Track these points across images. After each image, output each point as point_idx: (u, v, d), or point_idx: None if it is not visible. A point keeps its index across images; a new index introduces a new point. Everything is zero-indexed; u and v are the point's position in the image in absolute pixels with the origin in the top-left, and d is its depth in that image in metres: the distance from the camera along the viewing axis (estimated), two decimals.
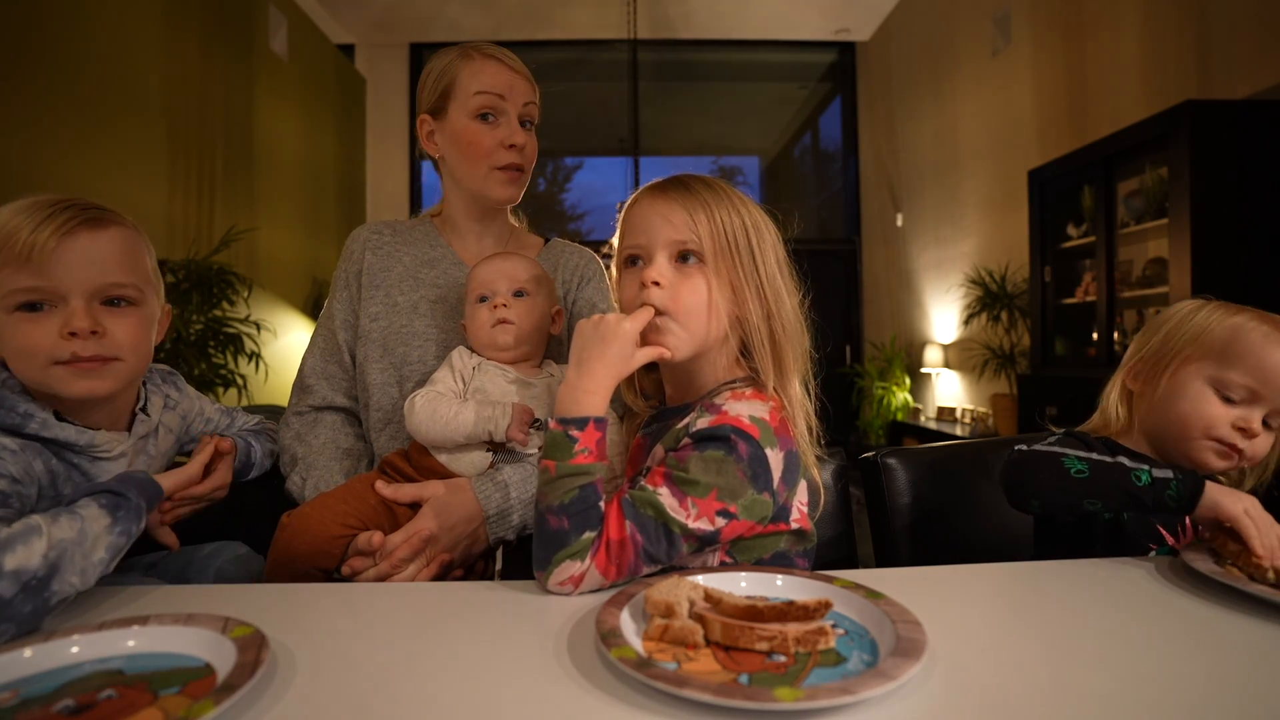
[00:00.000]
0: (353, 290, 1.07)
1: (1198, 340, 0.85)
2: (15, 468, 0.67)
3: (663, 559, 0.67)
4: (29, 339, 0.69)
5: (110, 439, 0.76)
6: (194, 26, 3.52)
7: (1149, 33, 2.97)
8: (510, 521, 0.87)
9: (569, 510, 0.66)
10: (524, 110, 1.05)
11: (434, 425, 0.87)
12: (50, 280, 0.69)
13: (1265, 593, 0.60)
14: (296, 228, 4.53)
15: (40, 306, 0.69)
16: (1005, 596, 0.66)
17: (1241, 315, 0.84)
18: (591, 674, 0.49)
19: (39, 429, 0.70)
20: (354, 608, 0.63)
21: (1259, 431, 0.81)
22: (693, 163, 7.05)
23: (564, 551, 0.65)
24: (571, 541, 0.65)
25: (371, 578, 0.81)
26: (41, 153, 2.59)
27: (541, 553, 0.66)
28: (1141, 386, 0.90)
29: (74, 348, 0.70)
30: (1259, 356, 0.80)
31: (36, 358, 0.69)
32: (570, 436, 0.69)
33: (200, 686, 0.46)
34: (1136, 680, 0.48)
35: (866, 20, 5.62)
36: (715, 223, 0.76)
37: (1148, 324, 0.95)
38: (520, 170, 1.06)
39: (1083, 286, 3.16)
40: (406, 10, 5.40)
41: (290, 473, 0.98)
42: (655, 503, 0.67)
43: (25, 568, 0.55)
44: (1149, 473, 0.75)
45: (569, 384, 0.72)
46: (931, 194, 4.88)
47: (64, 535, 0.59)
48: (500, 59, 1.04)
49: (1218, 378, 0.83)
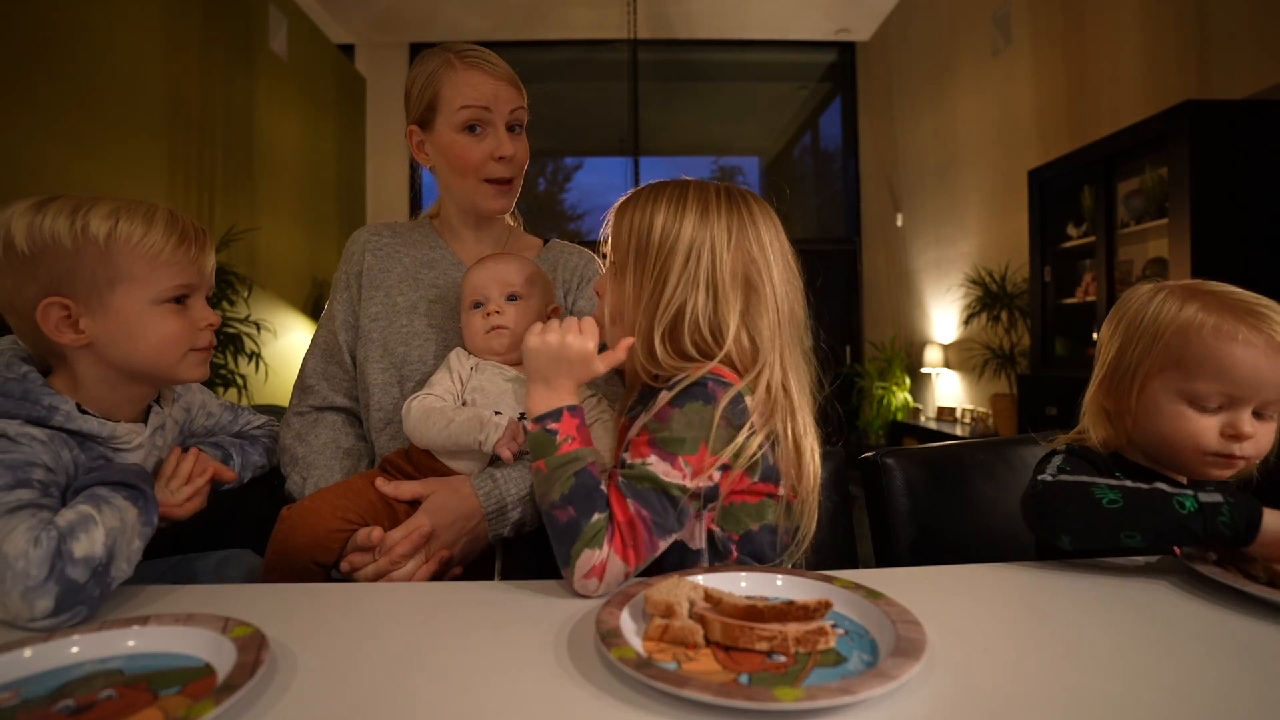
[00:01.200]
0: (353, 291, 1.07)
1: (1152, 350, 0.77)
2: (48, 457, 0.68)
3: (673, 526, 0.69)
4: (176, 328, 0.76)
5: (129, 431, 0.77)
6: (194, 27, 3.52)
7: (1149, 33, 2.97)
8: (509, 518, 0.87)
9: (572, 499, 0.67)
10: (511, 117, 1.03)
11: (428, 433, 0.88)
12: (200, 278, 0.78)
13: (1266, 593, 0.60)
14: (296, 228, 4.53)
15: (185, 300, 0.77)
16: (1006, 597, 0.66)
17: (1190, 307, 0.75)
18: (592, 674, 0.49)
19: (64, 421, 0.71)
20: (354, 607, 0.63)
21: (1250, 433, 0.74)
22: (693, 163, 7.05)
23: (580, 541, 0.65)
24: (584, 528, 0.65)
25: (370, 573, 0.81)
26: (42, 152, 2.59)
27: (561, 549, 0.67)
28: (1116, 405, 0.82)
29: (207, 336, 0.80)
30: (1217, 360, 0.72)
31: (180, 345, 0.77)
32: (549, 430, 0.71)
33: (200, 687, 0.46)
34: (1137, 681, 0.48)
35: (867, 20, 5.62)
36: (628, 226, 0.79)
37: (1106, 322, 0.85)
38: (510, 181, 1.05)
39: (1083, 286, 3.16)
40: (406, 10, 5.40)
41: (290, 472, 0.98)
42: (648, 474, 0.68)
43: (92, 554, 0.60)
44: (1194, 498, 0.67)
45: (539, 398, 0.75)
46: (931, 194, 4.88)
47: (112, 524, 0.63)
48: (482, 67, 1.01)
49: (1186, 390, 0.75)
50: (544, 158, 6.43)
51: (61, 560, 0.58)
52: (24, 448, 0.67)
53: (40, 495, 0.64)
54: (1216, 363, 0.72)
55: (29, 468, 0.66)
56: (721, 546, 0.77)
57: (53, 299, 0.69)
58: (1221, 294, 0.76)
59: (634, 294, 0.78)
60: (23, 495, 0.63)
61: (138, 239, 0.72)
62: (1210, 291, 0.76)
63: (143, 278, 0.73)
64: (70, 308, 0.70)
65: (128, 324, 0.73)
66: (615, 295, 0.81)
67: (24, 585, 0.56)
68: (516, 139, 1.04)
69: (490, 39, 5.63)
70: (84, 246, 0.69)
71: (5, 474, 0.64)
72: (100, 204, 0.72)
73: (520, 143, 1.05)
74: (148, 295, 0.73)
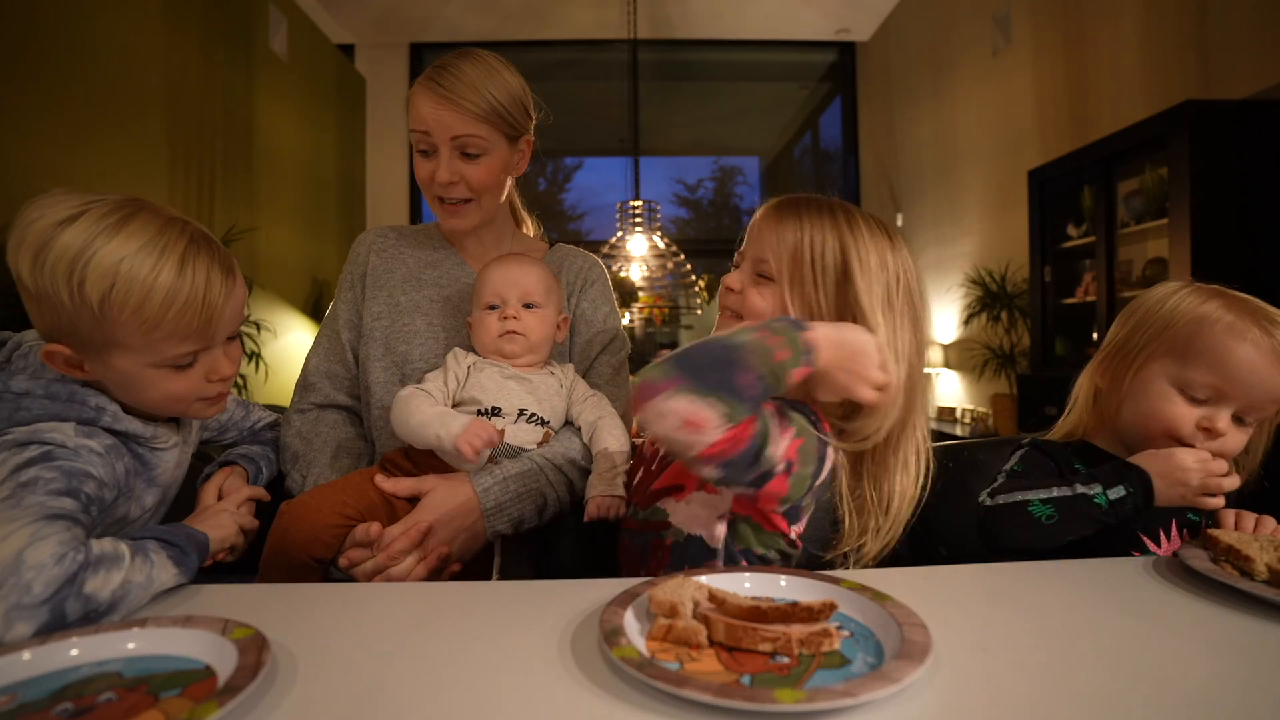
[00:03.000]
0: (357, 291, 1.08)
1: (1161, 336, 0.81)
2: (104, 471, 0.68)
3: (745, 471, 0.65)
4: (181, 388, 0.72)
5: (165, 430, 0.78)
6: (194, 26, 3.52)
7: (1149, 32, 2.97)
8: (508, 515, 0.87)
9: (759, 386, 0.62)
10: (456, 143, 0.97)
11: (397, 425, 0.89)
12: (211, 342, 0.73)
13: (1259, 590, 0.61)
14: (296, 228, 4.52)
15: (195, 360, 0.72)
16: (1008, 597, 0.66)
17: (1211, 303, 0.79)
18: (594, 673, 0.49)
19: (111, 422, 0.71)
20: (354, 607, 0.62)
21: (1224, 431, 0.78)
22: (693, 163, 7.06)
23: (725, 398, 0.60)
24: (736, 401, 0.61)
25: (369, 569, 0.81)
26: (42, 152, 2.59)
27: (702, 376, 0.60)
28: (1109, 383, 0.87)
29: (218, 388, 0.76)
30: (1220, 354, 0.76)
31: (185, 401, 0.74)
32: (807, 356, 0.66)
33: (201, 689, 0.46)
34: (1138, 681, 0.48)
35: (866, 20, 5.62)
36: (798, 242, 0.78)
37: (1125, 309, 0.89)
38: (465, 201, 1.02)
39: (1083, 286, 3.15)
40: (406, 10, 5.40)
41: (290, 470, 0.98)
42: (766, 423, 0.65)
43: (98, 595, 0.56)
44: (1104, 495, 0.77)
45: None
46: (931, 194, 4.88)
47: (135, 578, 0.59)
48: (431, 89, 0.96)
49: (1180, 377, 0.79)
50: (544, 157, 6.42)
51: (70, 588, 0.55)
52: (81, 458, 0.66)
53: (82, 510, 0.63)
54: (1218, 355, 0.76)
55: (83, 479, 0.65)
56: (730, 553, 0.78)
57: (55, 346, 0.67)
58: (1246, 299, 0.80)
59: (800, 310, 0.78)
60: (67, 504, 0.61)
61: (133, 307, 0.64)
62: (1235, 295, 0.80)
63: (138, 346, 0.68)
64: (71, 356, 0.68)
65: (128, 379, 0.70)
66: (770, 305, 0.79)
67: (16, 601, 0.52)
68: (468, 163, 0.99)
69: (490, 39, 5.63)
70: (80, 307, 0.64)
71: (60, 479, 0.63)
72: (111, 243, 0.64)
73: (474, 167, 0.99)
74: (144, 361, 0.69)
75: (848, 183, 6.20)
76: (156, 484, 0.78)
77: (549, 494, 0.90)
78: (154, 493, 0.78)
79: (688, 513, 0.80)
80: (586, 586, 0.66)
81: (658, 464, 0.87)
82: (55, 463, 0.64)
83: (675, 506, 0.81)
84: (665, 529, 0.81)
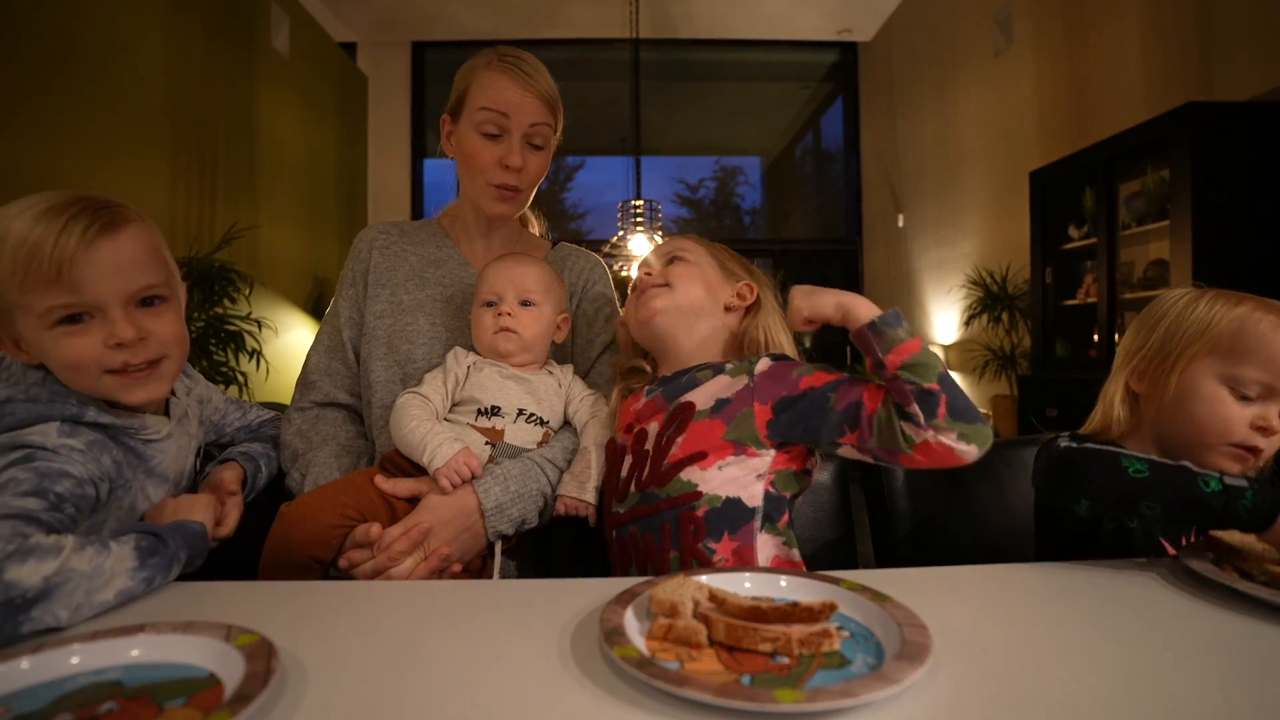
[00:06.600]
0: (359, 289, 1.07)
1: (1203, 335, 0.80)
2: (81, 469, 0.67)
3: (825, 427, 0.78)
4: (77, 352, 0.70)
5: (156, 421, 0.78)
6: (196, 24, 3.52)
7: (1151, 34, 2.97)
8: (508, 515, 0.87)
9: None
10: (530, 131, 1.00)
11: (393, 432, 0.90)
12: (85, 295, 0.69)
13: (1263, 593, 0.61)
14: (298, 226, 4.52)
15: (80, 318, 0.70)
16: (1009, 598, 0.66)
17: (1244, 305, 0.80)
18: (594, 673, 0.49)
19: (96, 416, 0.71)
20: (354, 608, 0.62)
21: (1278, 428, 0.77)
22: (694, 163, 7.05)
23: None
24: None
25: (368, 570, 0.81)
26: (43, 151, 2.59)
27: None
28: (1148, 388, 0.85)
29: (124, 357, 0.71)
30: (1272, 349, 0.76)
31: (89, 369, 0.70)
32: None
33: (207, 698, 0.44)
34: (1139, 682, 0.48)
35: (868, 20, 5.62)
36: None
37: (1140, 317, 0.89)
38: (517, 190, 1.03)
39: (1084, 288, 3.15)
40: (408, 9, 5.40)
41: (290, 469, 0.98)
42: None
43: (18, 583, 0.54)
44: (1219, 479, 0.68)
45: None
46: (933, 194, 4.88)
47: (78, 566, 0.57)
48: (513, 74, 0.99)
49: (1230, 374, 0.78)
50: None
51: None
52: (60, 458, 0.66)
53: (48, 508, 0.63)
54: (1270, 352, 0.76)
55: (57, 478, 0.65)
56: (774, 509, 0.83)
57: None
58: (1272, 302, 0.80)
59: None
60: (28, 504, 0.61)
61: (2, 260, 0.66)
62: (1258, 298, 0.81)
63: (16, 302, 0.67)
64: (2, 337, 0.68)
65: (38, 348, 0.70)
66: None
67: None
68: (533, 153, 1.02)
69: (492, 38, 5.62)
70: None
71: (31, 480, 0.63)
72: (7, 214, 0.67)
73: (536, 158, 1.03)
74: (35, 322, 0.68)
75: (849, 183, 6.20)
76: (159, 475, 0.78)
77: (549, 494, 0.90)
78: (161, 485, 0.78)
79: (722, 477, 0.80)
80: (586, 586, 0.66)
81: (667, 439, 0.85)
82: (33, 464, 0.64)
83: (704, 474, 0.81)
84: (695, 499, 0.80)
